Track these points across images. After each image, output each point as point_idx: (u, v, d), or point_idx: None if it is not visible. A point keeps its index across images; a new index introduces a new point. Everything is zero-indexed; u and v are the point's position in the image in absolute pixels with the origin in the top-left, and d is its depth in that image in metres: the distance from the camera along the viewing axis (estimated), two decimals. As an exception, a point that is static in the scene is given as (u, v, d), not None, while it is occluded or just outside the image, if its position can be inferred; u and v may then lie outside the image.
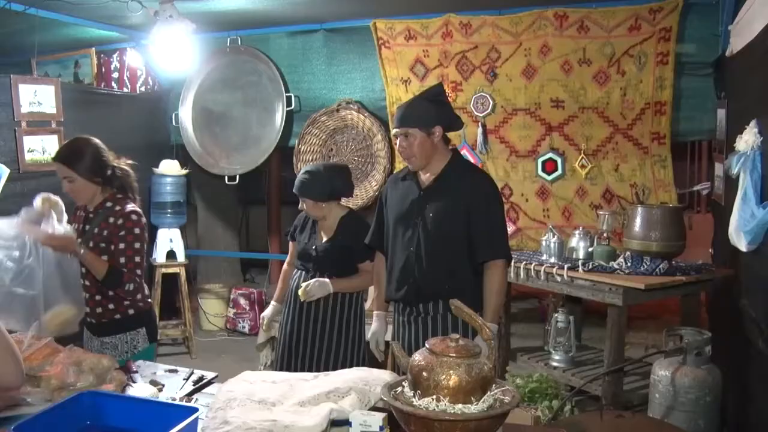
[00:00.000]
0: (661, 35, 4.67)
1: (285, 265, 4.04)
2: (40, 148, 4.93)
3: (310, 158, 5.60)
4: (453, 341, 1.69)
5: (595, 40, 4.83)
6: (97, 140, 3.13)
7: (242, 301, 6.70)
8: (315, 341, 3.66)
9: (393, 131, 3.22)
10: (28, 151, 4.84)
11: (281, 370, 3.62)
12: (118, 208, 3.08)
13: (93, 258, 2.96)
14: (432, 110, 3.04)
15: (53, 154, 3.09)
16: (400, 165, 5.18)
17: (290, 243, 3.95)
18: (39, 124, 4.97)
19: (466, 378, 1.63)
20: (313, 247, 3.69)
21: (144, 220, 3.12)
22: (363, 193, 5.47)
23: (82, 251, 2.92)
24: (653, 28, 4.68)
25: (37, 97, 4.94)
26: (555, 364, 4.52)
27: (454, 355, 1.66)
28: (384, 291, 3.36)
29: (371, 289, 5.30)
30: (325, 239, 3.69)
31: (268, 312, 4.00)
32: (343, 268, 3.66)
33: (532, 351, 4.98)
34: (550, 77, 4.99)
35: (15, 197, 4.68)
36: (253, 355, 5.67)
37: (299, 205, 3.75)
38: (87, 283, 3.09)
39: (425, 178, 3.14)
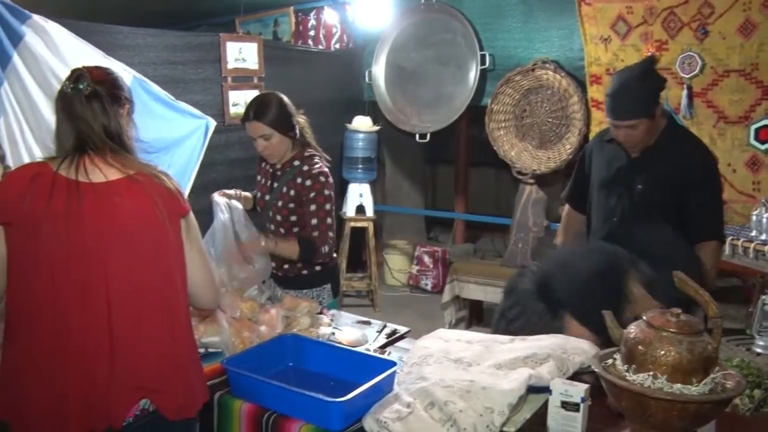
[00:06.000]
0: None
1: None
2: (243, 102, 5.14)
3: (503, 118, 5.48)
4: (674, 315, 1.57)
5: (836, -12, 4.29)
6: (280, 93, 3.07)
7: (426, 259, 6.74)
8: None
9: (611, 122, 3.00)
10: (233, 105, 5.12)
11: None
12: (306, 167, 3.03)
13: (282, 244, 2.99)
14: (649, 92, 2.85)
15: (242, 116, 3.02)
16: (595, 128, 4.94)
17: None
18: (242, 79, 5.22)
19: (687, 356, 1.51)
20: None
21: (331, 179, 3.08)
22: (556, 156, 5.27)
23: (273, 244, 2.94)
24: None
25: (241, 54, 5.19)
26: (759, 350, 4.16)
27: (674, 330, 1.54)
28: None
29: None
30: None
31: None
32: None
33: (732, 333, 4.64)
34: (773, 34, 4.51)
35: (219, 148, 4.97)
36: (436, 313, 5.72)
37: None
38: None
39: None
